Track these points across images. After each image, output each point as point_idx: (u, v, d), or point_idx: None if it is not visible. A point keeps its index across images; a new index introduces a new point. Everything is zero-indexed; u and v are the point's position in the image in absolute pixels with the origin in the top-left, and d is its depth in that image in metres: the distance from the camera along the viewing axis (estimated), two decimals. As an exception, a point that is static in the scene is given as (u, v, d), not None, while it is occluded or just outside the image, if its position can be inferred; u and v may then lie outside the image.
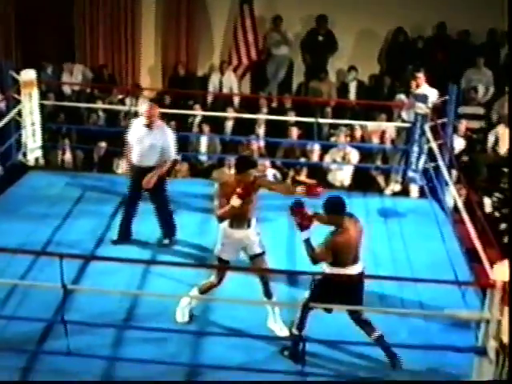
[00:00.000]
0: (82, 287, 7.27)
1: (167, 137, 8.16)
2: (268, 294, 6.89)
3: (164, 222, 8.47)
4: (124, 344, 6.64)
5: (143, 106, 8.36)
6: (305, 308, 6.42)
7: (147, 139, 8.09)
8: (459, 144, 11.78)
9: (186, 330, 6.86)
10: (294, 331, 6.52)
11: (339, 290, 6.30)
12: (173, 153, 8.26)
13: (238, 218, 6.72)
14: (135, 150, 8.19)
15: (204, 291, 6.94)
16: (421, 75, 10.44)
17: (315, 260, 6.27)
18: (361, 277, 6.40)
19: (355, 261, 6.34)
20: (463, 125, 12.02)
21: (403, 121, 10.66)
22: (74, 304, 6.92)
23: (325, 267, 6.35)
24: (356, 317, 6.48)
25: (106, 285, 7.24)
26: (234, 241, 6.78)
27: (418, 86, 10.35)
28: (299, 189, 6.59)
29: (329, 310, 6.42)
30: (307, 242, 6.28)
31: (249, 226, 6.78)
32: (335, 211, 6.27)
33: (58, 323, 6.29)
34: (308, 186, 6.64)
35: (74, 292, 6.90)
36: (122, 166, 8.46)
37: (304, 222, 6.29)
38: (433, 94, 10.29)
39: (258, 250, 6.85)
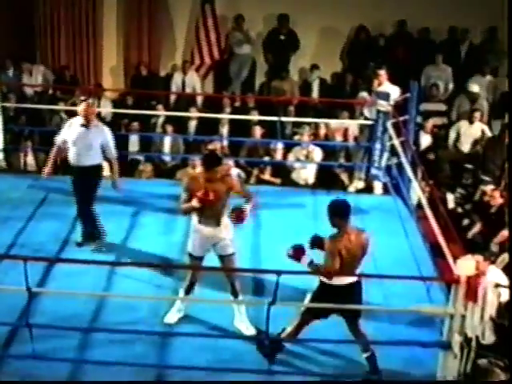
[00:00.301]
0: (47, 290, 7.23)
1: (106, 135, 8.19)
2: (234, 293, 6.92)
3: (89, 222, 8.38)
4: (90, 346, 6.62)
5: (80, 106, 8.25)
6: (304, 318, 6.42)
7: (85, 139, 8.07)
8: (426, 141, 11.89)
9: (153, 330, 6.85)
10: (284, 336, 6.50)
11: (336, 298, 6.25)
12: (114, 151, 8.26)
13: (207, 215, 6.77)
14: (72, 151, 8.15)
15: (188, 290, 6.96)
16: (383, 72, 10.49)
17: (328, 277, 6.23)
18: (357, 284, 6.36)
19: (354, 271, 6.32)
20: (430, 122, 12.14)
21: (366, 118, 10.71)
22: (40, 307, 6.88)
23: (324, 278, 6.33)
24: (353, 328, 6.46)
25: (72, 287, 7.20)
26: (202, 237, 6.84)
27: (379, 84, 10.39)
28: (231, 215, 6.80)
29: (325, 317, 6.43)
30: (311, 265, 6.22)
31: (218, 224, 6.80)
32: (338, 214, 6.25)
33: (24, 327, 6.25)
34: (238, 212, 6.78)
35: (39, 295, 6.86)
36: (44, 169, 8.31)
37: (296, 256, 6.24)
38: (395, 92, 10.35)
39: (228, 251, 6.89)
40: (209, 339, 6.74)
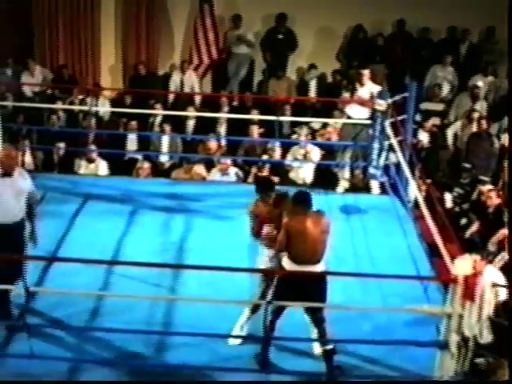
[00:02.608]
0: (45, 289, 7.21)
1: (28, 177, 6.94)
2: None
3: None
4: (88, 345, 6.61)
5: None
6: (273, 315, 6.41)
7: (9, 189, 6.70)
8: (424, 139, 11.89)
9: (150, 330, 6.84)
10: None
11: (298, 289, 6.23)
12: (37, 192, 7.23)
13: None
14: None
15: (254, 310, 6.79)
16: (366, 72, 10.40)
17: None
18: (322, 277, 6.34)
19: (314, 260, 6.30)
20: (430, 121, 12.15)
21: (348, 118, 10.60)
22: (37, 306, 6.87)
23: (284, 263, 6.36)
24: (316, 319, 6.42)
25: (69, 286, 7.19)
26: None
27: (362, 84, 10.27)
28: None
29: (282, 308, 6.39)
30: None
31: None
32: (300, 204, 6.32)
33: (22, 326, 6.25)
34: None
35: (36, 294, 6.84)
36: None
37: None
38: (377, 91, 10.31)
39: None
40: (206, 339, 6.72)
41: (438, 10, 13.34)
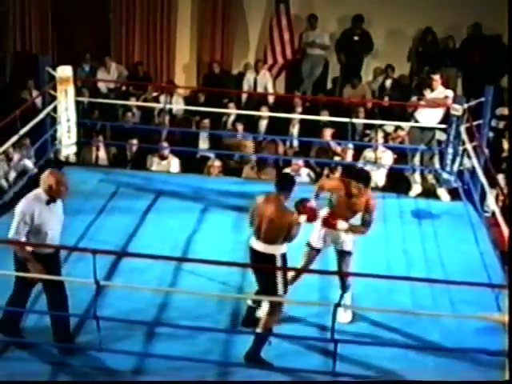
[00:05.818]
0: (115, 283, 7.28)
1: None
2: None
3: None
4: (155, 341, 6.65)
5: (46, 176, 6.22)
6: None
7: (58, 215, 6.42)
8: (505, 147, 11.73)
9: (217, 327, 6.86)
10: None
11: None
12: None
13: None
14: (47, 236, 6.29)
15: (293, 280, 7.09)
16: (437, 77, 10.23)
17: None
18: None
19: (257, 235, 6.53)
20: None
21: (416, 122, 10.46)
22: (106, 300, 6.94)
23: None
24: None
25: (138, 281, 7.25)
26: (327, 231, 7.05)
27: (433, 89, 10.12)
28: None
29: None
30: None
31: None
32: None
33: (91, 319, 6.32)
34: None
35: (106, 288, 6.91)
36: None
37: (311, 218, 6.61)
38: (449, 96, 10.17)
39: (346, 248, 7.05)
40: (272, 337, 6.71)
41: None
